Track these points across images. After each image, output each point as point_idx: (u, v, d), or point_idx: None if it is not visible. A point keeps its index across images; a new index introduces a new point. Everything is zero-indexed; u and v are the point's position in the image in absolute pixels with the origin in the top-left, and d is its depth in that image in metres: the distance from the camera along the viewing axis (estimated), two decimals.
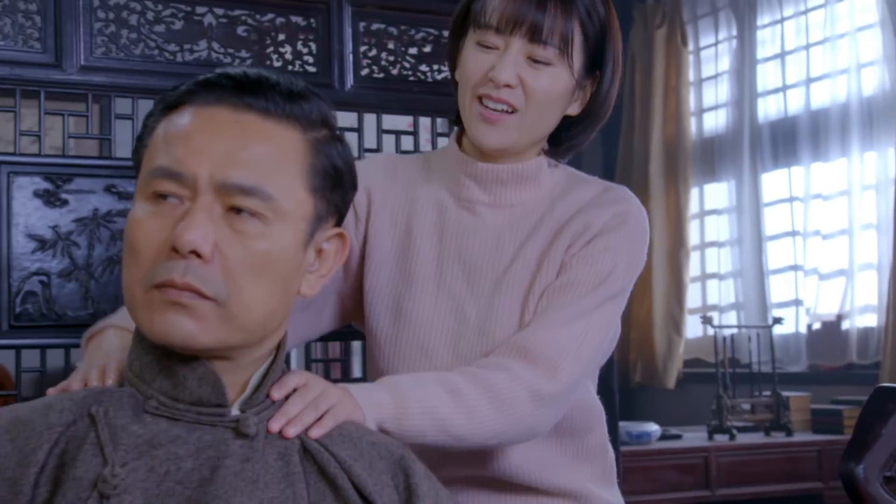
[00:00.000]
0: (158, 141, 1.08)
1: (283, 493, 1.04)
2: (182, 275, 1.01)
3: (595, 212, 1.51)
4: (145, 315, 1.03)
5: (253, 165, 1.05)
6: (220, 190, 1.04)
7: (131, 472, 1.00)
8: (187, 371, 1.06)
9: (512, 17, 1.45)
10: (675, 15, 5.07)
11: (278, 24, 2.29)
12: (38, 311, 2.07)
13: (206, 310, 1.03)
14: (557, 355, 1.42)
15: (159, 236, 1.03)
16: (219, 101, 1.07)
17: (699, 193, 5.05)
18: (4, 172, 2.06)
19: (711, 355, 4.59)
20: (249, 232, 1.05)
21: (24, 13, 2.09)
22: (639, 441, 3.68)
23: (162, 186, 1.04)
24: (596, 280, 1.48)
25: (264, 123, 1.08)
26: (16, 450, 0.99)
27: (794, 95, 4.58)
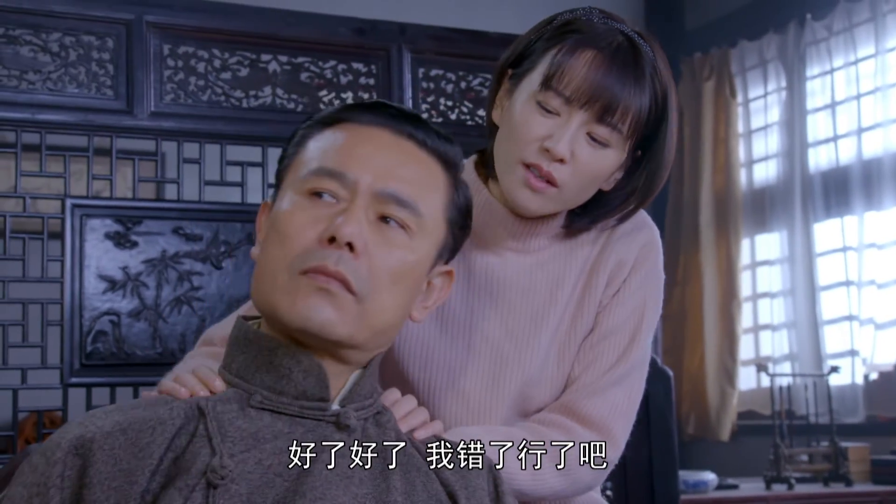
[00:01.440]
0: (314, 150, 1.16)
1: (377, 489, 1.07)
2: (336, 263, 1.08)
3: (624, 247, 1.52)
4: (287, 298, 1.09)
5: (410, 182, 1.14)
6: (378, 197, 1.12)
7: (239, 464, 1.03)
8: (293, 364, 1.11)
9: (588, 92, 1.37)
10: (724, 67, 5.09)
11: (340, 70, 2.36)
12: (109, 350, 2.12)
13: (348, 302, 1.09)
14: (612, 419, 1.46)
15: (314, 228, 1.10)
16: (380, 124, 1.17)
17: (750, 244, 5.03)
18: (77, 215, 2.13)
19: (765, 407, 4.54)
20: (396, 241, 1.13)
21: (97, 62, 2.17)
22: (696, 490, 3.64)
23: (322, 184, 1.12)
24: (635, 321, 1.51)
25: (419, 151, 1.17)
26: (129, 443, 1.03)
27: (846, 145, 4.57)
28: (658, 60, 1.43)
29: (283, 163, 1.20)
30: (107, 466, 1.01)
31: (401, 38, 2.39)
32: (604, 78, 1.37)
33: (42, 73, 2.15)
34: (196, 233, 2.21)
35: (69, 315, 2.11)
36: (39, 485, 1.01)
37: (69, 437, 1.03)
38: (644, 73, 1.39)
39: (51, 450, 1.03)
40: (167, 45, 2.23)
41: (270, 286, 1.11)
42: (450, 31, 2.46)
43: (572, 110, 1.38)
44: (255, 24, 2.30)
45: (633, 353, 1.50)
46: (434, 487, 1.13)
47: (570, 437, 1.43)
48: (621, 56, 1.38)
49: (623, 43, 1.40)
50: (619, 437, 1.47)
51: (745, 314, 4.97)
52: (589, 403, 1.46)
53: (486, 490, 1.17)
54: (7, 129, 2.14)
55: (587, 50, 1.38)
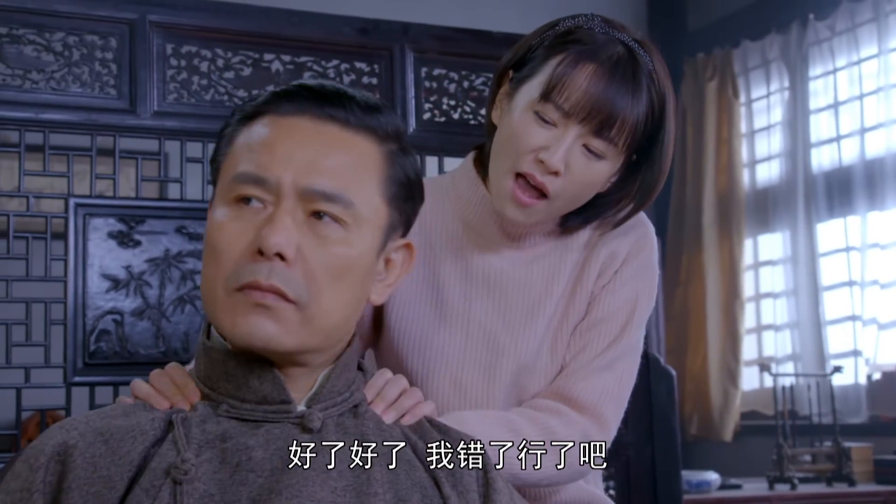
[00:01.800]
0: (240, 149, 1.11)
1: (357, 480, 1.06)
2: (267, 277, 1.04)
3: (617, 240, 1.54)
4: (227, 317, 1.06)
5: (335, 173, 1.08)
6: (303, 195, 1.07)
7: (203, 462, 1.03)
8: (246, 371, 1.10)
9: (587, 108, 1.38)
10: (727, 67, 5.09)
11: (343, 69, 2.36)
12: (112, 349, 2.12)
13: (288, 313, 1.06)
14: (602, 402, 1.48)
15: (242, 239, 1.06)
16: (299, 112, 1.11)
17: (753, 244, 5.03)
18: (81, 214, 2.13)
19: (768, 407, 4.54)
20: (330, 237, 1.08)
21: (100, 61, 2.17)
22: (699, 490, 3.64)
23: (245, 190, 1.07)
24: (626, 311, 1.53)
25: (344, 134, 1.11)
26: (110, 451, 1.03)
27: (849, 145, 4.57)
28: (657, 68, 1.44)
29: (215, 164, 1.16)
30: (86, 472, 1.01)
31: (404, 37, 2.39)
32: (603, 93, 1.38)
33: (45, 72, 2.15)
34: (199, 232, 2.21)
35: (72, 314, 2.11)
36: (23, 490, 1.01)
37: (51, 443, 1.03)
38: (641, 85, 1.41)
39: (34, 456, 1.03)
40: (170, 45, 2.23)
41: (211, 304, 1.08)
42: (453, 30, 2.46)
43: (569, 123, 1.39)
44: (259, 24, 2.30)
45: (622, 340, 1.51)
46: (418, 475, 1.11)
47: (563, 420, 1.45)
48: (621, 70, 1.40)
49: (623, 55, 1.41)
50: (610, 421, 1.49)
51: (747, 314, 4.97)
52: (579, 387, 1.48)
53: (473, 476, 1.15)
54: (10, 128, 2.14)
55: (587, 63, 1.39)
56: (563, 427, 1.44)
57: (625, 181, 1.49)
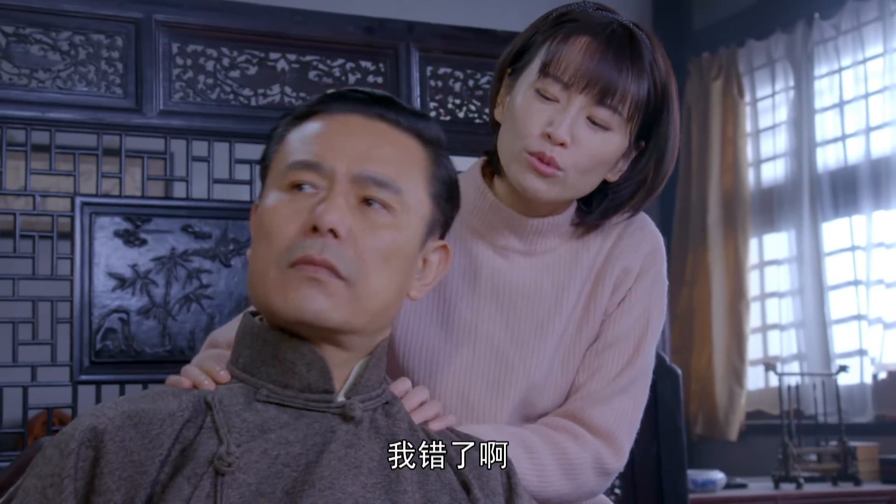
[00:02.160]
0: (292, 142, 1.17)
1: (387, 478, 1.08)
2: (320, 251, 1.08)
3: (630, 254, 1.53)
4: (279, 293, 1.10)
5: (385, 162, 1.14)
6: (356, 181, 1.12)
7: (245, 453, 1.04)
8: (297, 357, 1.12)
9: (585, 76, 1.38)
10: (732, 67, 5.09)
11: (348, 68, 2.36)
12: (118, 347, 2.13)
13: (339, 288, 1.09)
14: (617, 428, 1.47)
15: (296, 220, 1.11)
16: (351, 111, 1.17)
17: (758, 244, 5.02)
18: (87, 213, 2.13)
19: (774, 407, 4.53)
20: (380, 222, 1.13)
21: (106, 60, 2.18)
22: (704, 489, 3.64)
23: (300, 177, 1.13)
24: (639, 329, 1.52)
25: (393, 131, 1.17)
26: (139, 435, 1.04)
27: (854, 144, 4.56)
28: (657, 52, 1.44)
29: (265, 161, 1.21)
30: (117, 457, 1.02)
31: (409, 36, 2.39)
32: (601, 61, 1.38)
33: (52, 71, 2.15)
34: (205, 231, 2.22)
35: (79, 313, 2.11)
36: (54, 475, 1.03)
37: (82, 428, 1.04)
38: (642, 59, 1.41)
39: (64, 442, 1.04)
40: (176, 44, 2.24)
41: (262, 284, 1.12)
42: (458, 29, 2.46)
43: (571, 95, 1.39)
44: (264, 23, 2.31)
45: (637, 361, 1.51)
46: (448, 477, 1.13)
47: (578, 442, 1.45)
48: (617, 41, 1.40)
49: (618, 30, 1.42)
50: (623, 446, 1.49)
51: (753, 314, 4.96)
52: (595, 412, 1.47)
53: (499, 480, 1.18)
54: (17, 127, 2.15)
55: (582, 35, 1.40)
56: (577, 448, 1.44)
57: (635, 168, 1.48)
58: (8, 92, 2.12)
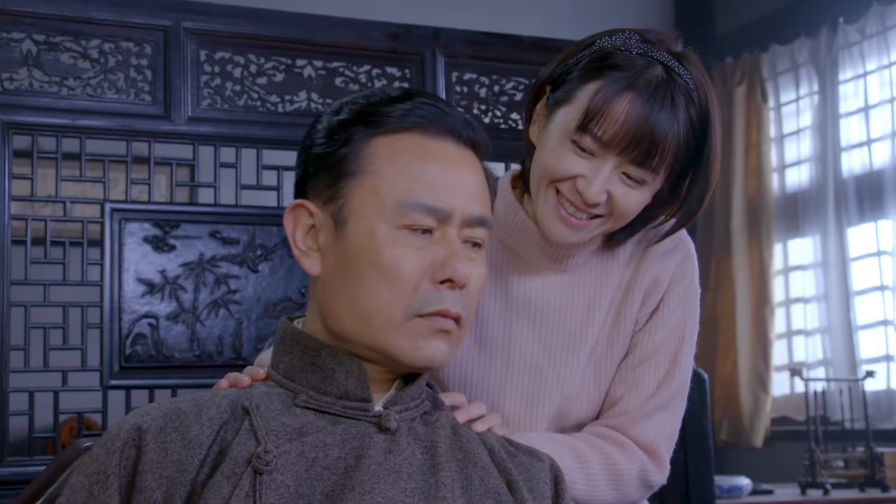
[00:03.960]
0: (391, 170, 1.13)
1: (426, 483, 1.09)
2: (454, 306, 1.11)
3: (660, 264, 1.51)
4: (409, 341, 1.11)
5: (484, 198, 1.16)
6: (466, 222, 1.13)
7: (283, 455, 1.05)
8: (335, 364, 1.13)
9: (626, 140, 1.34)
10: (755, 72, 5.07)
11: (374, 74, 2.37)
12: (147, 352, 2.14)
13: (457, 333, 1.14)
14: (659, 443, 1.47)
15: (419, 265, 1.11)
16: (443, 135, 1.15)
17: (783, 249, 5.00)
18: (116, 219, 2.15)
19: (799, 413, 4.51)
20: (478, 259, 1.16)
21: (136, 68, 2.20)
22: (730, 495, 3.62)
23: (423, 221, 1.12)
24: (675, 341, 1.51)
25: (473, 156, 1.17)
26: (180, 436, 1.06)
27: (880, 148, 4.54)
28: (697, 82, 1.39)
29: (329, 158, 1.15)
30: (158, 456, 1.04)
31: (434, 42, 2.40)
32: (642, 124, 1.33)
33: (82, 79, 2.18)
34: (233, 236, 2.23)
35: (108, 318, 2.13)
36: (99, 473, 1.05)
37: (127, 427, 1.07)
38: (679, 109, 1.35)
39: (110, 440, 1.07)
40: (204, 51, 2.26)
41: (383, 328, 1.11)
42: (483, 35, 2.47)
43: (608, 154, 1.35)
44: (291, 30, 2.32)
45: (676, 375, 1.50)
46: (492, 482, 1.14)
47: (626, 453, 1.45)
48: (660, 97, 1.34)
49: (661, 78, 1.36)
50: (665, 460, 1.49)
51: (778, 319, 4.93)
52: (637, 429, 1.47)
53: (547, 485, 1.19)
54: (47, 134, 2.17)
55: (625, 93, 1.34)
56: (623, 459, 1.44)
57: (671, 192, 1.45)
58: (38, 99, 2.14)
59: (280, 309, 2.20)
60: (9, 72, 2.13)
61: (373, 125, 1.15)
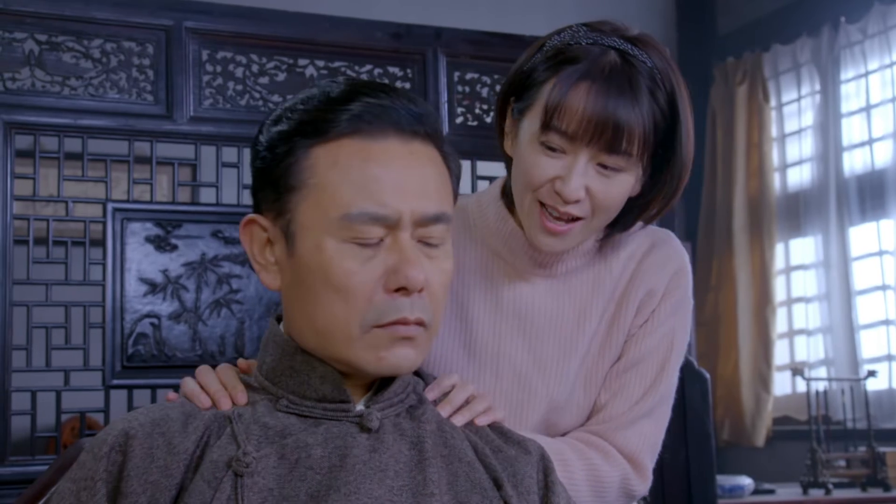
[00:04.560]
0: (334, 181, 1.08)
1: (414, 480, 1.08)
2: (411, 311, 1.08)
3: (654, 275, 1.49)
4: (370, 353, 1.09)
5: (435, 193, 1.11)
6: (419, 223, 1.09)
7: (263, 458, 1.05)
8: (309, 370, 1.12)
9: (589, 129, 1.32)
10: (757, 71, 5.07)
11: (376, 74, 2.37)
12: (149, 352, 2.15)
13: (423, 337, 1.11)
14: (642, 452, 1.47)
15: (371, 276, 1.08)
16: (384, 133, 1.10)
17: (785, 249, 5.00)
18: (119, 219, 2.15)
19: (801, 412, 4.51)
20: (439, 256, 1.12)
21: (137, 67, 2.20)
22: (732, 494, 3.62)
23: (368, 232, 1.07)
24: (663, 351, 1.50)
25: (424, 147, 1.12)
26: (166, 442, 1.06)
27: (881, 148, 4.54)
28: (657, 64, 1.37)
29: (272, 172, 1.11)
30: (143, 462, 1.05)
31: (436, 41, 2.40)
32: (602, 110, 1.31)
33: (84, 79, 2.18)
34: (234, 236, 2.24)
35: (111, 317, 2.13)
36: (87, 479, 1.05)
37: (114, 433, 1.07)
38: (641, 90, 1.34)
39: (97, 446, 1.07)
40: (206, 51, 2.26)
41: (342, 342, 1.09)
42: (485, 34, 2.47)
43: (577, 147, 1.33)
44: (293, 29, 2.32)
45: (661, 383, 1.49)
46: (477, 476, 1.12)
47: (609, 460, 1.44)
48: (616, 81, 1.33)
49: (616, 63, 1.34)
50: (648, 470, 1.48)
51: (779, 319, 4.93)
52: (619, 436, 1.46)
53: (534, 478, 1.17)
54: (49, 134, 2.17)
55: (581, 82, 1.33)
56: (606, 466, 1.44)
57: (655, 179, 1.43)
58: (40, 99, 2.15)
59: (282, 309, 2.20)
60: (11, 71, 2.13)
61: (310, 134, 1.10)
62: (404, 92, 1.15)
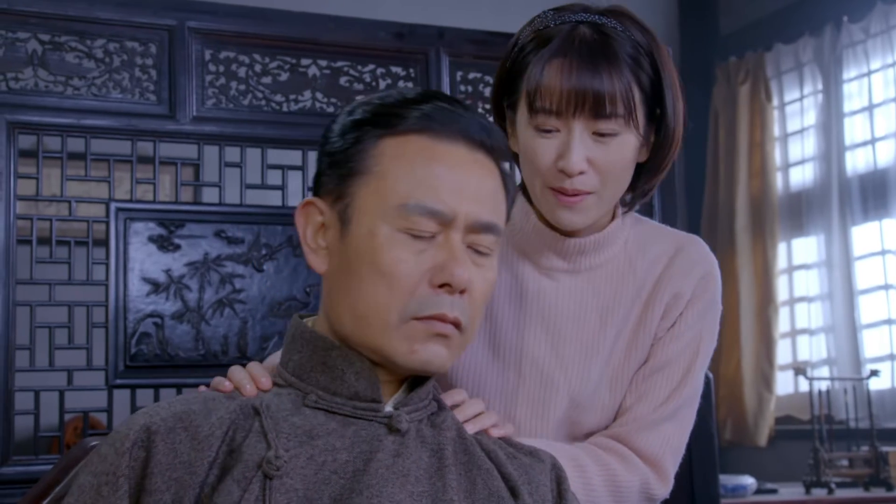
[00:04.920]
0: (396, 172, 1.12)
1: (434, 486, 1.09)
2: (451, 310, 1.10)
3: (681, 279, 1.49)
4: (404, 344, 1.10)
5: (493, 203, 1.14)
6: (471, 227, 1.12)
7: (293, 458, 1.05)
8: (346, 365, 1.12)
9: (570, 99, 1.35)
10: (759, 71, 5.07)
11: (379, 74, 2.37)
12: (152, 351, 2.15)
13: (457, 339, 1.12)
14: (664, 455, 1.45)
15: (418, 268, 1.10)
16: (454, 138, 1.13)
17: (787, 248, 4.99)
18: (122, 219, 2.15)
19: (803, 412, 4.50)
20: (485, 265, 1.14)
21: (140, 67, 2.20)
22: (734, 494, 3.62)
23: (422, 225, 1.10)
24: (689, 355, 1.49)
25: (487, 160, 1.16)
26: (189, 437, 1.06)
27: (884, 147, 4.54)
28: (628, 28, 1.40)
29: (342, 169, 1.15)
30: (167, 458, 1.04)
31: (439, 41, 2.40)
32: (578, 80, 1.34)
33: (87, 78, 2.18)
34: (237, 236, 2.24)
35: (114, 317, 2.14)
36: (109, 473, 1.04)
37: (136, 428, 1.06)
38: (616, 54, 1.36)
39: (119, 441, 1.06)
40: (209, 51, 2.26)
41: (379, 329, 1.10)
42: (487, 34, 2.47)
43: (566, 121, 1.36)
44: (295, 29, 2.33)
45: (686, 387, 1.48)
46: (495, 484, 1.13)
47: (627, 465, 1.43)
48: (587, 50, 1.36)
49: (585, 34, 1.37)
50: (669, 473, 1.47)
51: (782, 318, 4.93)
52: (641, 438, 1.45)
53: (548, 487, 1.18)
54: (52, 133, 2.17)
55: (553, 60, 1.36)
56: (625, 471, 1.43)
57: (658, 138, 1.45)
58: (44, 99, 2.15)
59: (285, 308, 2.20)
60: (14, 71, 2.14)
61: (382, 125, 1.14)
62: (475, 108, 1.17)
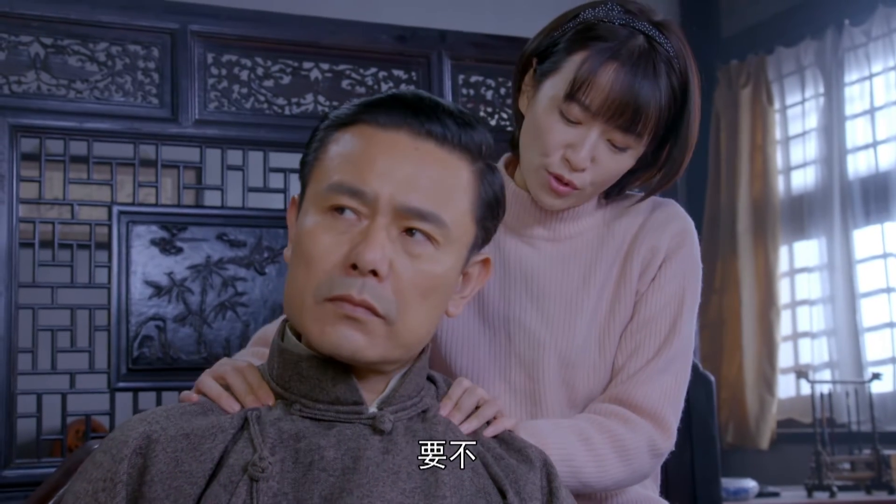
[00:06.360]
0: (335, 157, 1.13)
1: (426, 482, 1.08)
2: (359, 292, 1.06)
3: (657, 234, 1.54)
4: (316, 325, 1.08)
5: (432, 191, 1.10)
6: (399, 212, 1.09)
7: (279, 462, 1.05)
8: (320, 374, 1.12)
9: (612, 108, 1.40)
10: (761, 74, 5.07)
11: (381, 77, 2.38)
12: (155, 355, 2.15)
13: (376, 326, 1.08)
14: (663, 407, 1.48)
15: (336, 251, 1.08)
16: (397, 125, 1.12)
17: (789, 251, 4.99)
18: (124, 222, 2.15)
19: (805, 415, 4.50)
20: (422, 255, 1.10)
21: (143, 70, 2.20)
22: (736, 497, 3.62)
23: (341, 200, 1.09)
24: (673, 308, 1.52)
25: (440, 151, 1.13)
26: (191, 447, 1.06)
27: (886, 151, 4.53)
28: (676, 50, 1.45)
29: (306, 167, 1.17)
30: (168, 467, 1.04)
31: (441, 44, 2.41)
32: (626, 92, 1.39)
33: (89, 82, 2.18)
34: (240, 239, 2.24)
35: (116, 320, 2.14)
36: (106, 480, 1.04)
37: (135, 435, 1.06)
38: (661, 75, 1.42)
39: (116, 447, 1.05)
40: (211, 54, 2.26)
41: (298, 308, 1.10)
42: (489, 37, 2.47)
43: (594, 121, 1.41)
44: (298, 33, 2.33)
45: (675, 339, 1.51)
46: (482, 482, 1.13)
47: (629, 426, 1.45)
48: (642, 65, 1.40)
49: (643, 48, 1.41)
50: (671, 424, 1.49)
51: (783, 322, 4.93)
52: (639, 392, 1.48)
53: (537, 485, 1.17)
54: (55, 137, 2.17)
55: (609, 63, 1.40)
56: (629, 433, 1.45)
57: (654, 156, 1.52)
58: (46, 102, 2.15)
59: None
60: (17, 75, 2.14)
61: (341, 120, 1.15)
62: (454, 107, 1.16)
